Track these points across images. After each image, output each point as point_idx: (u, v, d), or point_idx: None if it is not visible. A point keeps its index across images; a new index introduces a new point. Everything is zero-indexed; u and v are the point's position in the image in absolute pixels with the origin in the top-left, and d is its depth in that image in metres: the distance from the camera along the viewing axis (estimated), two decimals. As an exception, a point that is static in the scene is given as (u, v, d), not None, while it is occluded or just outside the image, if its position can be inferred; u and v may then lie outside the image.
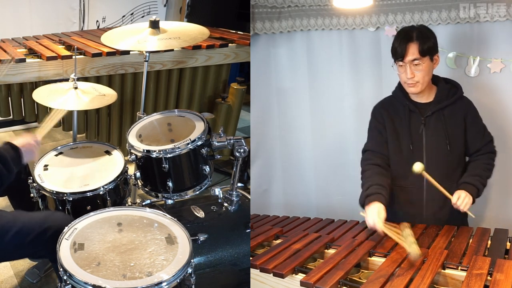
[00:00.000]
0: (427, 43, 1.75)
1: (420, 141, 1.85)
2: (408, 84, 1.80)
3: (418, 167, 1.70)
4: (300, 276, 1.39)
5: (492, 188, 2.25)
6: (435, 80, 1.86)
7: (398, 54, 1.77)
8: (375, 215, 1.65)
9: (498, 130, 2.16)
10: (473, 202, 1.74)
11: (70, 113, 2.72)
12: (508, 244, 1.62)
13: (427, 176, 1.73)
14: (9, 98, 2.68)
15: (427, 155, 1.84)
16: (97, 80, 2.73)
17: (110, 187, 1.90)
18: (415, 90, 1.81)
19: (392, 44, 1.80)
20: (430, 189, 1.84)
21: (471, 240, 1.63)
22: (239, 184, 2.03)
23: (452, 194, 1.77)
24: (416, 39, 1.74)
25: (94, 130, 2.99)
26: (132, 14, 4.30)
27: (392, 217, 1.95)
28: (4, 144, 1.73)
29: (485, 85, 2.18)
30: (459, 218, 1.85)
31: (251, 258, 1.55)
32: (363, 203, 1.75)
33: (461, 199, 1.71)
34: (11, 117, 2.77)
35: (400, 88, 1.89)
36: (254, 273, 1.48)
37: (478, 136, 1.86)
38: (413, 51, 1.74)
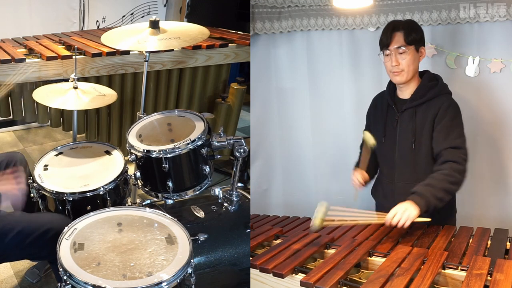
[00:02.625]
0: (413, 34, 1.78)
1: (394, 136, 1.87)
2: (393, 72, 1.81)
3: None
4: (300, 276, 1.39)
5: (491, 188, 2.26)
6: (422, 76, 1.87)
7: (383, 42, 1.81)
8: (359, 176, 1.92)
9: (498, 130, 2.17)
10: (425, 212, 1.58)
11: (70, 113, 2.74)
12: (508, 244, 1.62)
13: None
14: (9, 98, 2.68)
15: (398, 152, 1.87)
16: (97, 80, 2.73)
17: (110, 187, 1.89)
18: (400, 79, 1.81)
19: (380, 36, 1.84)
20: (399, 184, 1.88)
21: (471, 240, 1.63)
22: (239, 184, 2.03)
23: None
24: (402, 29, 1.78)
25: (94, 130, 2.99)
26: (132, 14, 4.30)
27: (376, 208, 2.05)
28: None
29: (485, 85, 2.18)
30: (436, 217, 1.84)
31: (251, 258, 1.55)
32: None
33: (398, 215, 1.56)
34: (11, 117, 2.77)
35: (390, 83, 1.93)
36: (254, 273, 1.48)
37: (440, 136, 1.72)
38: (398, 38, 1.77)
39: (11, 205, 1.75)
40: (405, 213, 1.56)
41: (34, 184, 1.89)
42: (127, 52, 2.72)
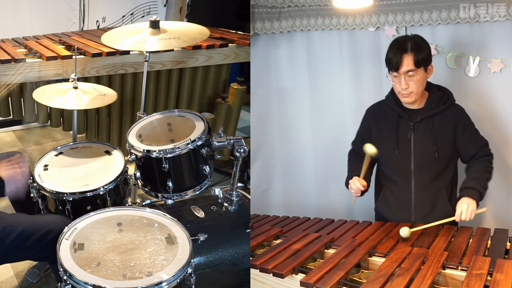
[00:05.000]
0: (422, 54, 1.76)
1: (408, 146, 1.87)
2: (402, 94, 1.82)
3: (404, 233, 1.69)
4: (300, 276, 1.39)
5: (492, 188, 2.25)
6: (428, 87, 1.88)
7: (393, 65, 1.77)
8: (356, 182, 1.87)
9: (498, 130, 2.17)
10: (477, 205, 1.75)
11: (70, 113, 2.74)
12: (508, 244, 1.63)
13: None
14: (9, 98, 2.68)
15: (414, 161, 1.87)
16: (97, 80, 2.72)
17: (110, 187, 1.89)
18: (409, 100, 1.83)
19: (386, 55, 1.81)
20: (418, 193, 1.89)
21: (471, 240, 1.63)
22: (239, 184, 2.03)
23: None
24: (410, 50, 1.75)
25: (94, 130, 2.98)
26: (132, 14, 4.30)
27: (382, 220, 2.01)
28: None
29: (485, 85, 2.18)
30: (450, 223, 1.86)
31: (251, 258, 1.55)
32: (347, 184, 1.95)
33: (464, 212, 1.71)
34: (11, 117, 2.77)
35: (392, 92, 1.92)
36: (254, 273, 1.48)
37: (471, 142, 1.88)
38: (408, 62, 1.75)
39: (15, 191, 1.77)
40: (469, 209, 1.72)
41: (34, 184, 1.89)
42: (127, 52, 2.72)
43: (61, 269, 1.41)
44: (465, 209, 1.71)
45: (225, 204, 2.00)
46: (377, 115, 1.98)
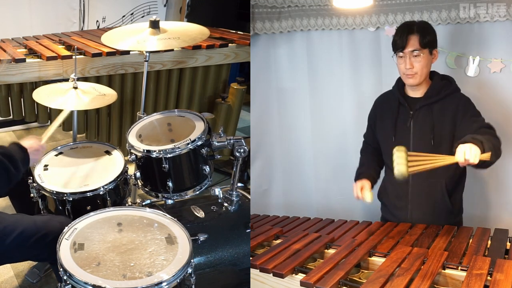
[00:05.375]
0: (427, 36, 1.79)
1: (408, 134, 1.87)
2: (406, 75, 1.83)
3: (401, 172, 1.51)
4: (300, 276, 1.39)
5: (492, 188, 2.26)
6: (432, 75, 1.88)
7: (398, 45, 1.80)
8: (358, 189, 1.90)
9: (498, 130, 2.16)
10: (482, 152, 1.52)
11: (70, 113, 2.73)
12: (508, 244, 1.62)
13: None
14: (9, 98, 2.68)
15: (412, 149, 1.83)
16: (97, 80, 2.72)
17: (110, 187, 1.89)
18: (413, 82, 1.83)
19: (393, 37, 1.84)
20: (415, 182, 1.86)
21: (471, 240, 1.63)
22: (239, 184, 2.03)
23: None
24: (416, 31, 1.79)
25: (94, 130, 2.99)
26: (132, 14, 4.30)
27: (382, 210, 2.05)
28: (12, 144, 1.74)
29: (485, 85, 2.18)
30: (449, 216, 1.85)
31: (251, 258, 1.55)
32: (356, 179, 1.98)
33: (468, 152, 1.48)
34: (11, 117, 2.77)
35: (397, 82, 1.93)
36: (254, 273, 1.48)
37: (471, 124, 1.74)
38: (413, 42, 1.78)
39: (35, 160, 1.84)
40: (471, 151, 1.48)
41: (34, 184, 1.89)
42: (127, 52, 2.72)
43: (61, 269, 1.41)
44: (467, 149, 1.49)
45: (225, 204, 2.00)
46: (382, 105, 2.01)
